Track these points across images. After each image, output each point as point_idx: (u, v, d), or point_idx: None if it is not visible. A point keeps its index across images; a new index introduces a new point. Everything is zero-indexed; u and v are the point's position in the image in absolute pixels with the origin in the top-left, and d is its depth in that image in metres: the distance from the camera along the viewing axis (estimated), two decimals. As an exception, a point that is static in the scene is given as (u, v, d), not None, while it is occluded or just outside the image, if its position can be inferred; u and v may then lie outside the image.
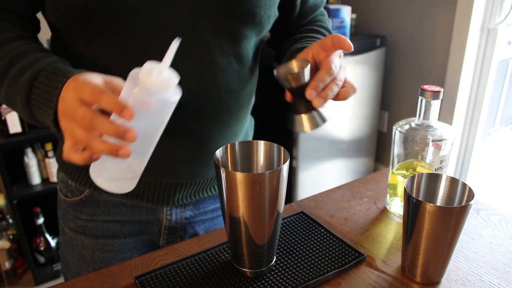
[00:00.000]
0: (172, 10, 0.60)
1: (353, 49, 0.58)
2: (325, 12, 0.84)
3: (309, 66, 0.57)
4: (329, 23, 0.83)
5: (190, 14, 0.61)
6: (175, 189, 0.75)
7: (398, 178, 0.74)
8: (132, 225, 0.78)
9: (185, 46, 0.55)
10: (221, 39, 0.64)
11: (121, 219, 0.77)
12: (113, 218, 0.77)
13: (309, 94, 0.57)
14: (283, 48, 0.80)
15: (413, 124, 0.72)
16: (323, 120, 0.60)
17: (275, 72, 0.58)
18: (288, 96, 0.61)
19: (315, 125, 0.60)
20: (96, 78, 0.51)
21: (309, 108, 0.59)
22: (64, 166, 0.77)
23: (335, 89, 0.59)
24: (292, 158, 2.16)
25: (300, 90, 0.58)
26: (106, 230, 0.78)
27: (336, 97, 0.61)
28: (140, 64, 0.49)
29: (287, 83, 0.58)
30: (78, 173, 0.75)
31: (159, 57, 0.49)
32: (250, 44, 0.70)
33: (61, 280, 1.98)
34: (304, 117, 0.60)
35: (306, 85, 0.58)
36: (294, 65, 0.60)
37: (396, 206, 0.77)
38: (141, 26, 0.60)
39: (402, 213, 0.74)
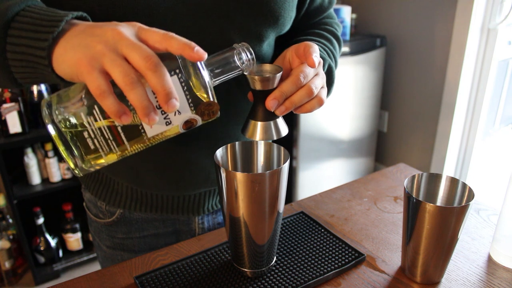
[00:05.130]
0: (197, 14, 0.59)
1: (316, 66, 0.55)
2: (334, 16, 0.82)
3: (280, 74, 0.54)
4: (338, 27, 0.80)
5: (216, 17, 0.60)
6: (205, 197, 0.75)
7: None
8: (167, 236, 0.79)
9: (213, 49, 0.54)
10: (247, 40, 0.63)
11: (155, 232, 0.78)
12: (148, 233, 0.78)
13: (269, 103, 0.54)
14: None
15: None
16: (278, 133, 0.57)
17: (245, 71, 0.55)
18: (250, 97, 0.58)
19: (267, 136, 0.56)
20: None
21: (267, 117, 0.56)
22: (91, 187, 0.76)
23: (302, 99, 0.55)
24: (292, 158, 2.16)
25: (263, 96, 0.55)
26: (143, 244, 0.79)
27: (300, 109, 0.57)
28: None
29: (252, 85, 0.55)
30: (107, 195, 0.74)
31: None
32: (270, 45, 0.70)
33: (61, 280, 1.99)
34: (259, 125, 0.56)
35: (270, 91, 0.55)
36: (266, 68, 0.57)
37: None
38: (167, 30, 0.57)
39: None
